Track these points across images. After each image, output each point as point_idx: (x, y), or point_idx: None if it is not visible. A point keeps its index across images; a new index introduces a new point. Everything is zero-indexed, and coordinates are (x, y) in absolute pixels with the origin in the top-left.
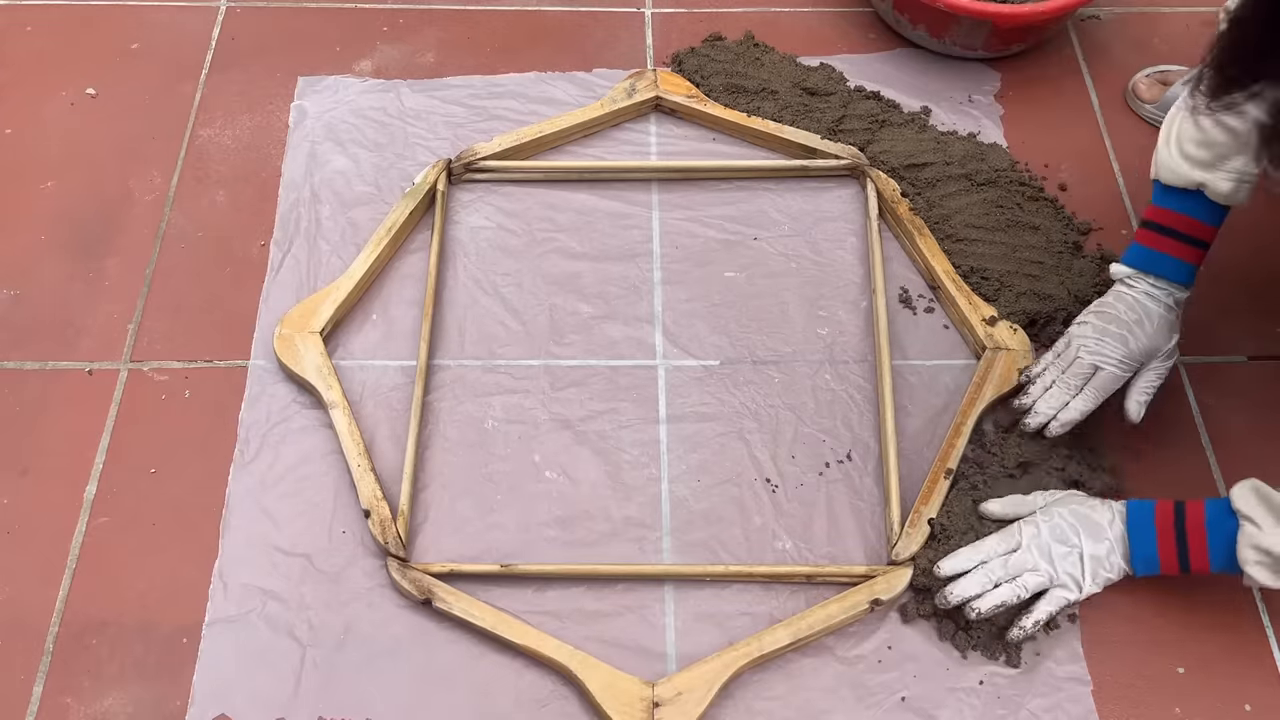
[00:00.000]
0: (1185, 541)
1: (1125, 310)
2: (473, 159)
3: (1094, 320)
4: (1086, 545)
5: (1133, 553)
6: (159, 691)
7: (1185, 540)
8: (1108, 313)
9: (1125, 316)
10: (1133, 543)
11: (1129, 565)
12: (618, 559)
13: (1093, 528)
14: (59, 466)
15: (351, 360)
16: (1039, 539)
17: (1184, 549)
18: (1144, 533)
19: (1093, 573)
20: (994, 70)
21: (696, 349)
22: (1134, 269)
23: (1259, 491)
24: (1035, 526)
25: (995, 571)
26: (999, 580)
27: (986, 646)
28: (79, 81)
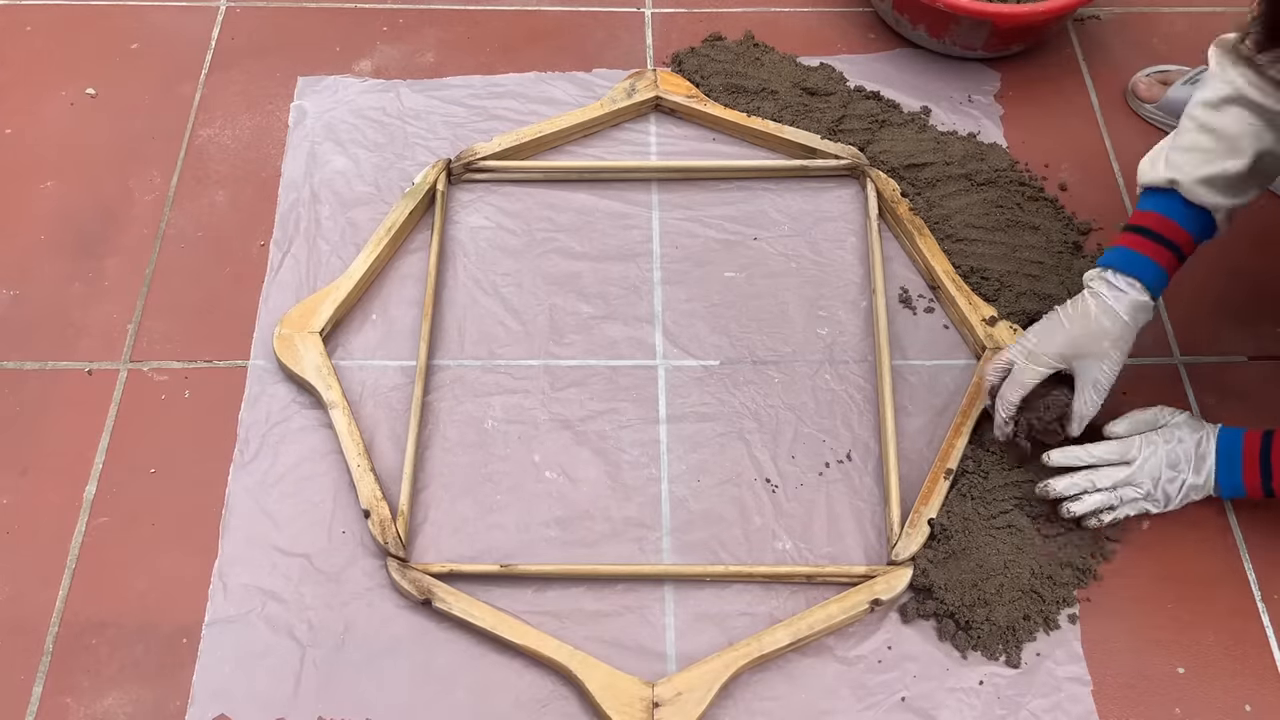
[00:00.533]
0: (1270, 470)
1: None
2: (473, 159)
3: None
4: (1190, 477)
5: (1220, 480)
6: (159, 691)
7: (1270, 469)
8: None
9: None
10: (1221, 475)
11: (1215, 490)
12: (618, 559)
13: (1200, 461)
14: (59, 466)
15: (351, 360)
16: (1153, 460)
17: (1269, 477)
18: (1232, 466)
19: (1184, 497)
20: (994, 70)
21: (696, 349)
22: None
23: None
24: (1154, 446)
25: (1102, 480)
26: (1101, 487)
27: (986, 646)
28: (79, 81)
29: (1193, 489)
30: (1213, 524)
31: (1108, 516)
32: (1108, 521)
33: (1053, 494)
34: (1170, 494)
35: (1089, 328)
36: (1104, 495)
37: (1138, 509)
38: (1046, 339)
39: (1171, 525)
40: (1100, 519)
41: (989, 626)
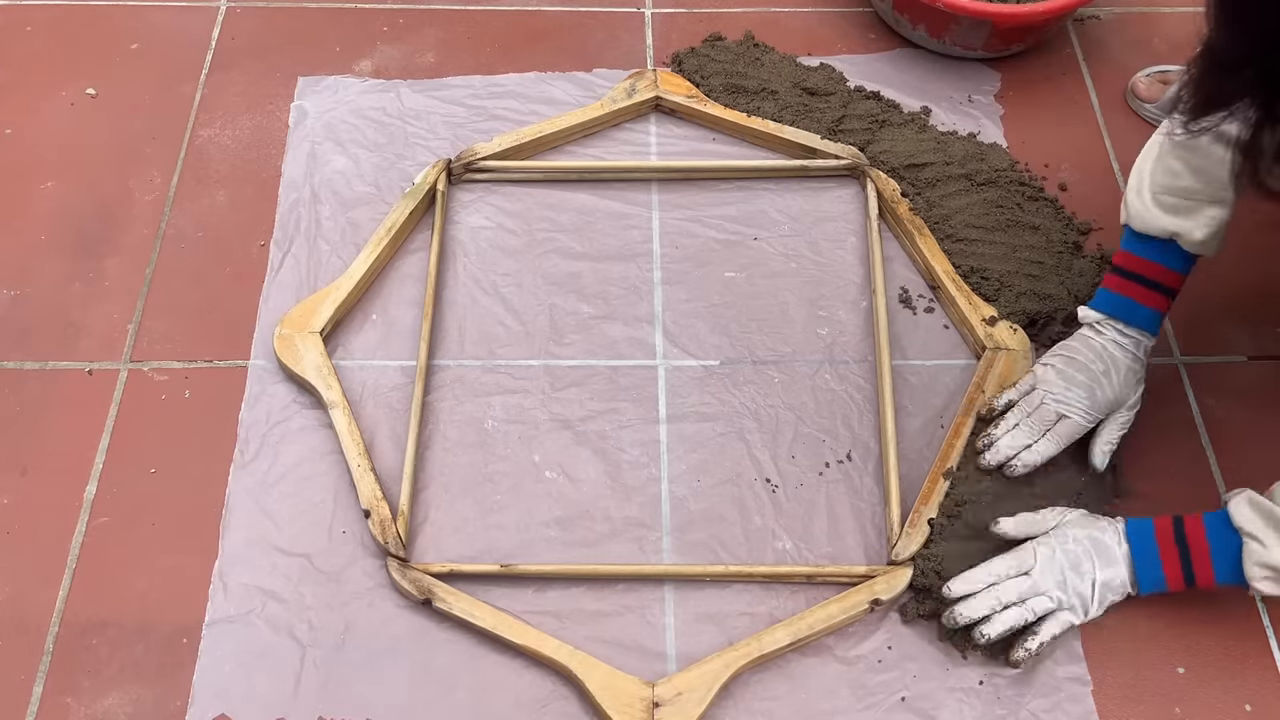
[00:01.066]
0: (1189, 559)
1: (1093, 359)
2: (473, 159)
3: (1060, 366)
4: (1099, 572)
5: (1139, 575)
6: (159, 691)
7: (1189, 558)
8: (1075, 360)
9: (1092, 366)
10: (1139, 568)
11: (1134, 587)
12: (618, 559)
13: (1104, 552)
14: (59, 466)
15: (351, 360)
16: (1053, 562)
17: (1188, 566)
18: (1149, 558)
19: (1101, 598)
20: (994, 70)
21: (696, 349)
22: (1102, 314)
23: (1256, 505)
24: (1050, 549)
25: (1006, 595)
26: (1008, 604)
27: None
28: (79, 81)
29: (1107, 589)
30: None
31: (1033, 643)
32: (1035, 649)
33: (961, 621)
34: (1085, 596)
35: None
36: (1016, 611)
37: (1061, 624)
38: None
39: None
40: (1028, 648)
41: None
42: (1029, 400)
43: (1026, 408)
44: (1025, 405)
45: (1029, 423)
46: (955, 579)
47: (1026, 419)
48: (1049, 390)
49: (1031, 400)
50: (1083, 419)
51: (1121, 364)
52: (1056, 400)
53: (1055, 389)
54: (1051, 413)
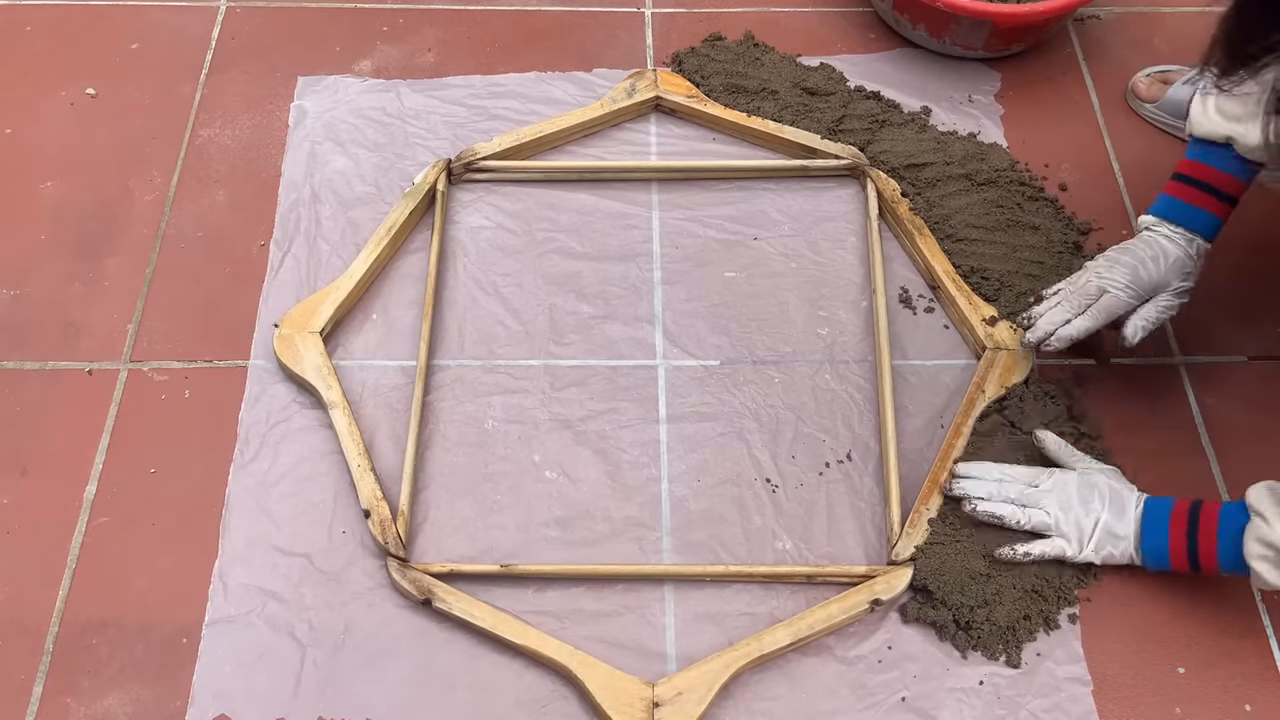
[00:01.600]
0: (1195, 538)
1: (1143, 247)
2: (473, 159)
3: (1111, 252)
4: (1106, 516)
5: (1143, 542)
6: (159, 691)
7: (1196, 537)
8: (1126, 247)
9: (1141, 252)
10: (1145, 533)
11: (1138, 554)
12: (618, 559)
13: (1118, 502)
14: (59, 466)
15: (351, 360)
16: (1065, 490)
17: (1194, 545)
18: (1158, 525)
19: (1099, 542)
20: (994, 70)
21: (696, 349)
22: (1158, 217)
23: (1274, 490)
24: (1066, 478)
25: (1009, 491)
26: (1008, 498)
27: (987, 646)
28: (79, 81)
29: (1110, 536)
30: None
31: (1020, 549)
32: (1019, 555)
33: (957, 491)
34: (1084, 530)
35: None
36: (1011, 508)
37: (1053, 548)
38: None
39: None
40: (1014, 549)
41: (989, 626)
42: (1074, 281)
43: (1071, 287)
44: (1070, 286)
45: (1070, 298)
46: (968, 463)
47: (1069, 289)
48: (1095, 268)
49: (1076, 280)
50: (1123, 294)
51: (1171, 253)
52: (1099, 276)
53: (1100, 266)
54: (1094, 287)
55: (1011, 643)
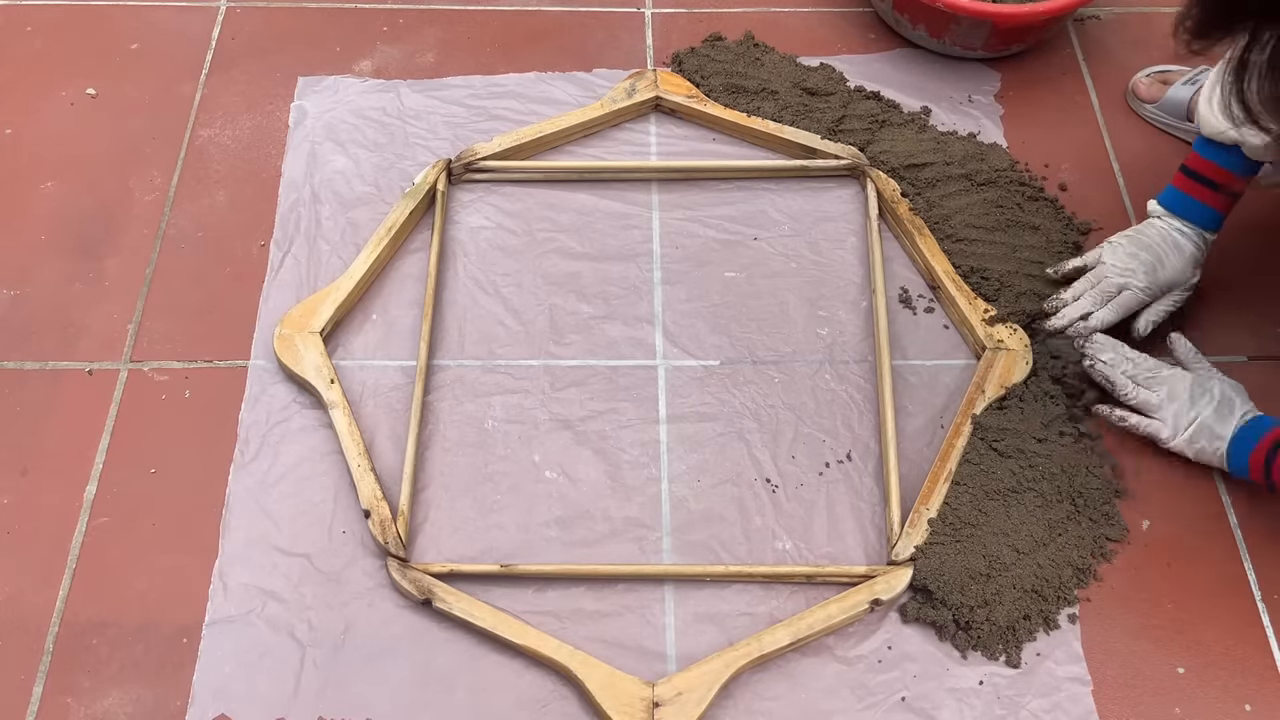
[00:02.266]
0: (1276, 455)
1: (1158, 239)
2: (473, 159)
3: (1126, 244)
4: (1208, 414)
5: (1232, 445)
6: (159, 691)
7: (1277, 454)
8: (1141, 239)
9: (1157, 244)
10: (1237, 438)
11: (1227, 456)
12: (618, 559)
13: (1227, 409)
14: (59, 466)
15: (351, 360)
16: (1179, 381)
17: (1272, 459)
18: (1251, 435)
19: (1193, 435)
20: (994, 70)
21: (696, 349)
22: (1166, 209)
23: None
24: (1185, 375)
25: (1128, 369)
26: (1127, 372)
27: (986, 646)
28: (79, 81)
29: (1205, 430)
30: (1213, 525)
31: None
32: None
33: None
34: (1181, 421)
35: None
36: (1124, 378)
37: (1149, 427)
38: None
39: (1171, 525)
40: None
41: (989, 626)
42: (1095, 274)
43: (1092, 280)
44: (1091, 278)
45: (1092, 294)
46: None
47: (1090, 290)
48: (1114, 262)
49: (1097, 274)
50: (1142, 293)
51: (1184, 247)
52: (1119, 274)
53: (1119, 261)
54: (1114, 285)
55: (1011, 643)
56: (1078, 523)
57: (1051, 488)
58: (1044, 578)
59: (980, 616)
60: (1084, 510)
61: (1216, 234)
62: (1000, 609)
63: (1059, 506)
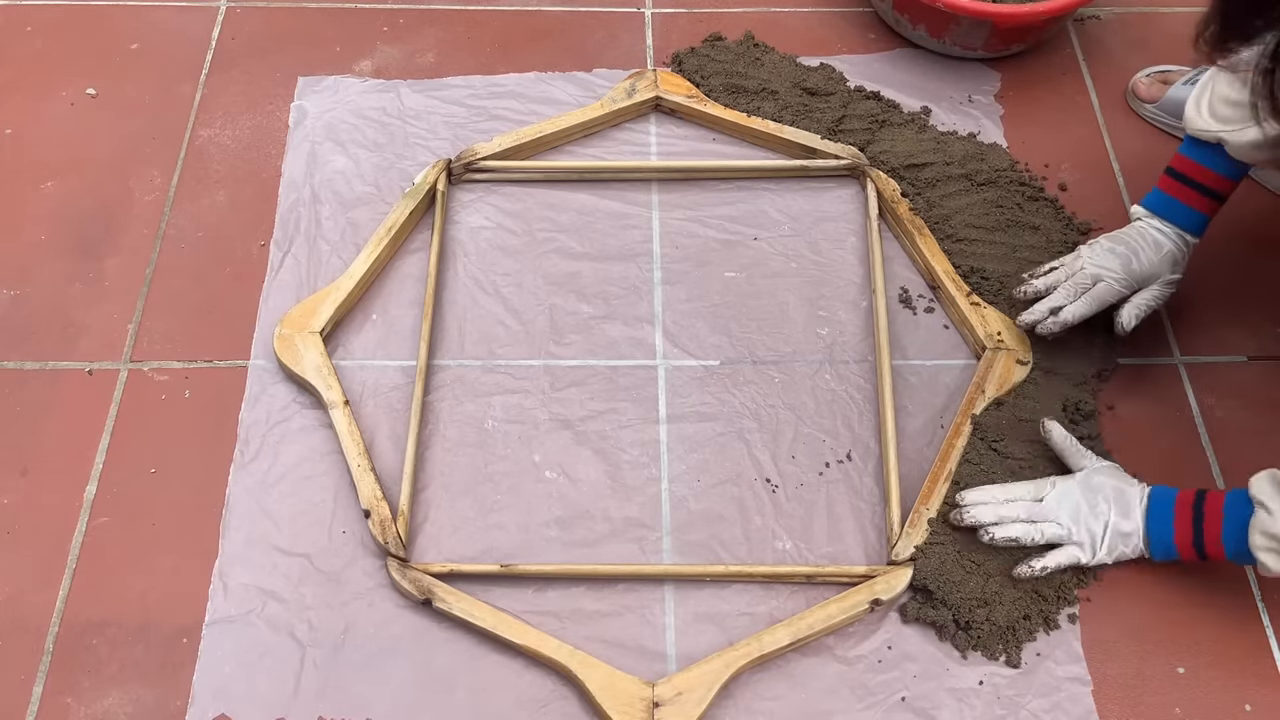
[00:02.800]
0: (1201, 527)
1: (1135, 236)
2: (473, 159)
3: (1104, 241)
4: (1114, 518)
5: (1150, 535)
6: (159, 691)
7: (1201, 526)
8: (1119, 236)
9: (1134, 242)
10: (1151, 526)
11: (1146, 548)
12: (618, 559)
13: (1125, 504)
14: (59, 466)
15: (351, 360)
16: (1070, 497)
17: (1199, 535)
18: (1163, 518)
19: (1110, 545)
20: (994, 70)
21: (696, 349)
22: (1149, 211)
23: (1276, 479)
24: (1069, 485)
25: (1017, 511)
26: (1017, 518)
27: (986, 646)
28: (79, 81)
29: (1120, 536)
30: None
31: (1037, 563)
32: (1038, 569)
33: (967, 520)
34: (1095, 535)
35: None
36: (1024, 526)
37: (1068, 556)
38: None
39: None
40: (1031, 566)
41: (989, 626)
42: (1069, 265)
43: (1067, 272)
44: (1066, 269)
45: (1066, 285)
46: (971, 490)
47: (1065, 282)
48: (1090, 256)
49: (1072, 266)
50: (1117, 284)
51: (1164, 246)
52: (1094, 264)
53: (1096, 254)
54: (1088, 276)
55: (1011, 643)
56: None
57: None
58: (1044, 578)
59: (980, 616)
60: None
61: (1199, 238)
62: (1000, 609)
63: None
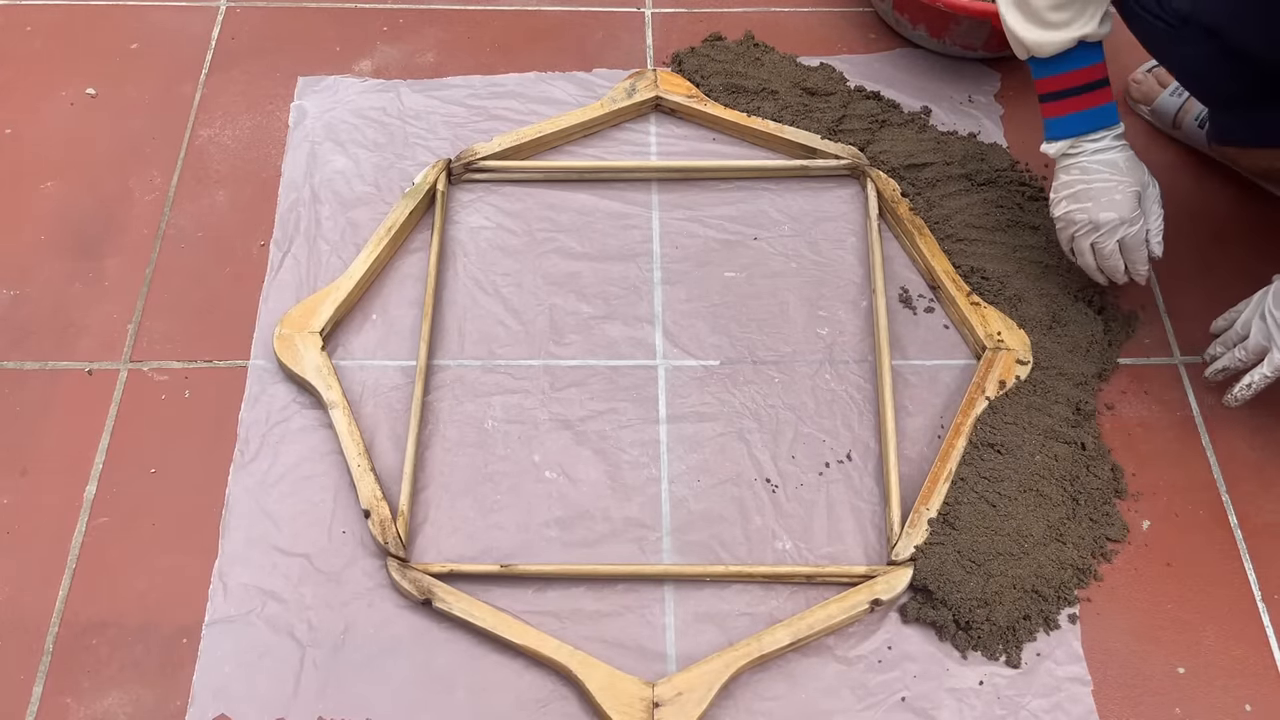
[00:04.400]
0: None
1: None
2: (473, 159)
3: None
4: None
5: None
6: (159, 691)
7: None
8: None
9: (1097, 185)
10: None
11: None
12: (618, 559)
13: None
14: (59, 466)
15: (351, 360)
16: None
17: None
18: None
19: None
20: (994, 70)
21: (696, 349)
22: (1066, 138)
23: None
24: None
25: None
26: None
27: (986, 646)
28: (79, 81)
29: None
30: (1213, 525)
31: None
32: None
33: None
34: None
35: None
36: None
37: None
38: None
39: (1172, 526)
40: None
41: (989, 626)
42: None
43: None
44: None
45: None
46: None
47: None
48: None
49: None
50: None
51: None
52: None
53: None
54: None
55: (1011, 643)
56: (1078, 523)
57: (1051, 488)
58: (1044, 578)
59: (980, 616)
60: (1084, 510)
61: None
62: (1000, 609)
63: (1059, 506)
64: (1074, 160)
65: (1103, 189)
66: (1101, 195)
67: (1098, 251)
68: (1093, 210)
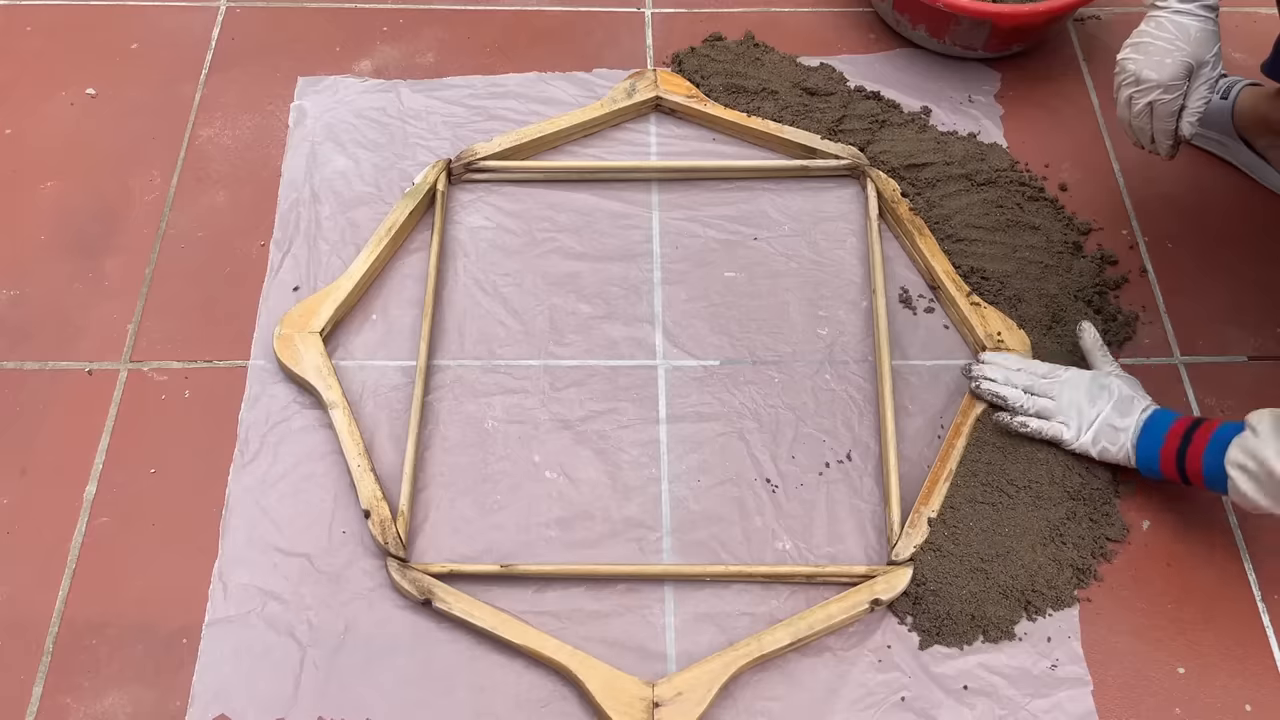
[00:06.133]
0: (1188, 444)
1: (1156, 35)
2: (473, 159)
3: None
4: (1109, 411)
5: (1139, 442)
6: (159, 691)
7: (1189, 443)
8: (1145, 44)
9: (1159, 42)
10: (1143, 434)
11: (1133, 453)
12: (618, 559)
13: (1126, 406)
14: (59, 466)
15: (351, 360)
16: (1076, 383)
17: (1184, 451)
18: (1157, 430)
19: (1097, 434)
20: (994, 70)
21: (696, 349)
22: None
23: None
24: (1082, 375)
25: (1020, 380)
26: (1017, 384)
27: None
28: (79, 81)
29: (1109, 429)
30: (1213, 525)
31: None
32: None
33: (974, 372)
34: (1086, 419)
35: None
36: (1015, 391)
37: (1051, 430)
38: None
39: (1172, 526)
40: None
41: (989, 626)
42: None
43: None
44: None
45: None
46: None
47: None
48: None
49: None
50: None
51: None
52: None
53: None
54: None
55: (1011, 642)
56: (1078, 523)
57: (1051, 488)
58: (1044, 578)
59: (980, 616)
60: (1084, 510)
61: None
62: (1000, 609)
63: (1059, 506)
64: (1157, 13)
65: (1159, 48)
66: (1155, 54)
67: (1131, 107)
68: (1141, 64)
